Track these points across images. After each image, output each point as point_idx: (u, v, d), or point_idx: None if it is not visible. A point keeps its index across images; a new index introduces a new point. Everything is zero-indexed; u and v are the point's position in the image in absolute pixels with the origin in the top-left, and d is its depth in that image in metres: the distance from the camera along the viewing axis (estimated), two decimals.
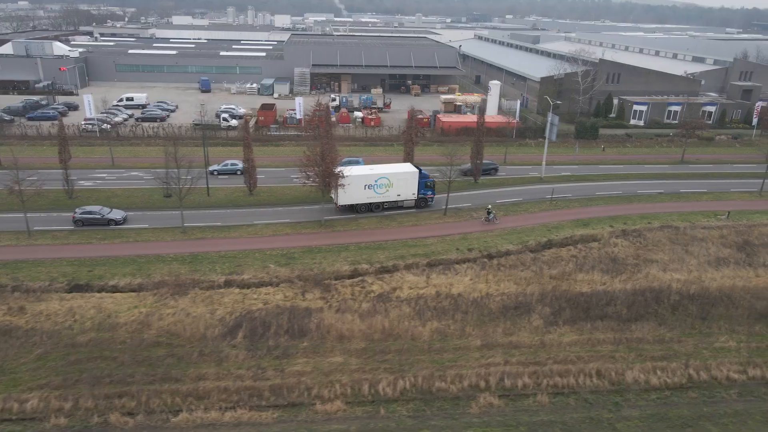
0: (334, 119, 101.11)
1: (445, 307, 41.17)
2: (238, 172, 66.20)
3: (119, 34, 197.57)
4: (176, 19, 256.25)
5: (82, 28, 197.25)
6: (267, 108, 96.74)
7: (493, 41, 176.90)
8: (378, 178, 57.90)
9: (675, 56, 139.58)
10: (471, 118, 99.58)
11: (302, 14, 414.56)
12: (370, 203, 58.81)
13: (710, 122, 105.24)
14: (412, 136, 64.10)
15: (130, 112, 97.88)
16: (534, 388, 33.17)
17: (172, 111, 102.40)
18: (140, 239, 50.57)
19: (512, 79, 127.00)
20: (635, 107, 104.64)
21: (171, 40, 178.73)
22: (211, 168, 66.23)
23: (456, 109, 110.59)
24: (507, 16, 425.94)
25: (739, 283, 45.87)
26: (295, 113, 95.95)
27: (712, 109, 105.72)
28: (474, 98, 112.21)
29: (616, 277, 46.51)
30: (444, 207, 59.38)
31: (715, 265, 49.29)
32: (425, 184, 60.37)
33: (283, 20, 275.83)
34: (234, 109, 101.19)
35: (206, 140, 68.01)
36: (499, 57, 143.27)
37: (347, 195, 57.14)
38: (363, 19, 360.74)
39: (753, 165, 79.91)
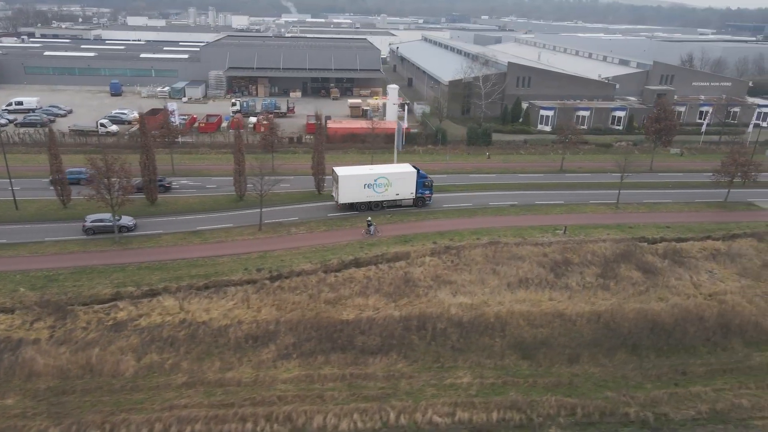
0: (225, 125, 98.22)
1: (178, 338, 37.98)
2: None
3: (61, 35, 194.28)
4: (131, 20, 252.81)
5: (21, 29, 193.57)
6: (152, 113, 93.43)
7: (434, 43, 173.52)
8: (377, 177, 59.73)
9: (605, 59, 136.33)
10: (362, 123, 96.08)
11: (279, 15, 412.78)
12: (370, 202, 60.64)
13: (620, 127, 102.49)
14: (241, 146, 60.72)
15: (12, 117, 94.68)
16: None
17: (63, 116, 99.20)
18: None
19: (431, 82, 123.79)
20: (542, 112, 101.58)
21: (107, 42, 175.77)
22: None
23: (363, 114, 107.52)
24: (483, 17, 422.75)
25: (523, 308, 42.66)
26: (180, 119, 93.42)
27: (622, 114, 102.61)
28: (382, 102, 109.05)
29: (396, 302, 43.31)
30: (259, 222, 56.21)
31: (515, 287, 46.04)
32: (423, 183, 61.90)
33: (240, 21, 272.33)
34: (125, 113, 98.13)
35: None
36: (427, 59, 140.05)
37: (347, 194, 59.14)
38: (336, 20, 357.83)
39: (632, 174, 76.75)
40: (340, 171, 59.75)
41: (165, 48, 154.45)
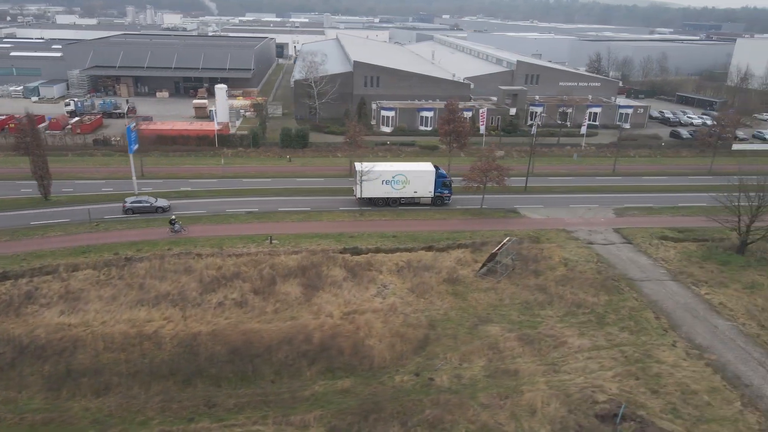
0: (43, 126, 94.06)
1: None
2: None
3: None
4: (60, 18, 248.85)
5: None
6: None
7: (338, 42, 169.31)
8: (395, 174, 61.28)
9: (487, 58, 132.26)
10: (174, 125, 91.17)
11: (244, 14, 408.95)
12: (387, 198, 62.39)
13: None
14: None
15: None
16: None
17: None
18: None
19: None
20: (383, 113, 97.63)
21: (4, 40, 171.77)
22: None
23: (210, 115, 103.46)
24: (444, 16, 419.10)
25: (120, 329, 38.18)
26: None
27: (468, 114, 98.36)
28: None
29: None
30: None
31: (144, 305, 41.65)
32: (442, 183, 62.69)
33: (172, 19, 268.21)
34: None
35: None
36: None
37: (366, 189, 60.92)
38: (297, 20, 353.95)
39: None
40: (360, 167, 61.30)
41: (53, 47, 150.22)
